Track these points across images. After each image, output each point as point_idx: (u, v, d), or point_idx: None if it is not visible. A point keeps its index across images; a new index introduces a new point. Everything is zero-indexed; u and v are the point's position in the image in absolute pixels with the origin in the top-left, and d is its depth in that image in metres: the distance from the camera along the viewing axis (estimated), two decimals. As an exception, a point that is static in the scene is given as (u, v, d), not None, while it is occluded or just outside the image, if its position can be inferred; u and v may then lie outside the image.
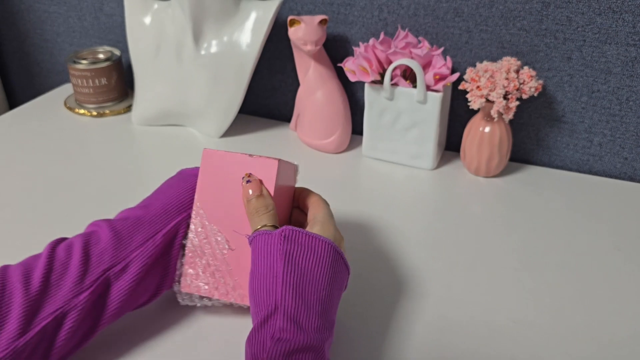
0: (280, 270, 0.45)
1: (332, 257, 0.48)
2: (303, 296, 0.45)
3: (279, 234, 0.47)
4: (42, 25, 1.09)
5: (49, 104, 1.01)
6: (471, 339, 0.53)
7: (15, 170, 0.81)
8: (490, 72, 0.73)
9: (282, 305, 0.44)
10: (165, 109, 0.91)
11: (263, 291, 0.46)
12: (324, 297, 0.46)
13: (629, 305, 0.57)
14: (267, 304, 0.45)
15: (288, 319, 0.43)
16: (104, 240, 0.50)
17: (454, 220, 0.71)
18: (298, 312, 0.44)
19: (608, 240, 0.67)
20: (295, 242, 0.47)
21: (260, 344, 0.43)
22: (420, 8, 0.80)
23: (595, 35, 0.74)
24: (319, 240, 0.48)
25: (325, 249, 0.47)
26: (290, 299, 0.44)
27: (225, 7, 0.84)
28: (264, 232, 0.49)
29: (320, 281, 0.46)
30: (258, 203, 0.51)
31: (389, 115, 0.79)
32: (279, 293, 0.44)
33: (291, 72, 0.93)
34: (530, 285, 0.60)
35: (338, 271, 0.48)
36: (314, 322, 0.44)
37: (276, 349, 0.41)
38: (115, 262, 0.50)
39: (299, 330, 0.43)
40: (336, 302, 0.48)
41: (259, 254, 0.48)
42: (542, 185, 0.78)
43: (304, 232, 0.48)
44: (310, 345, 0.42)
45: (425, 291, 0.59)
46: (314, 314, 0.44)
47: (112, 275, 0.49)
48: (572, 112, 0.79)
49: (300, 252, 0.47)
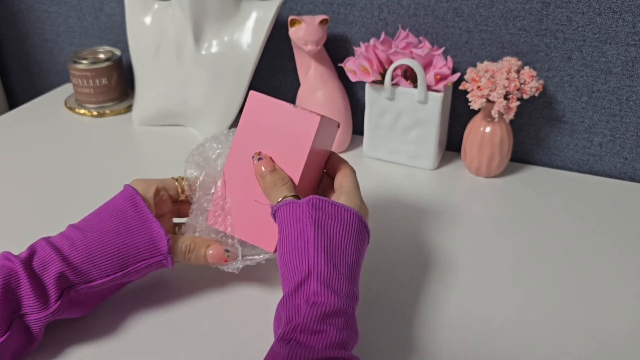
0: (312, 237, 0.46)
1: (357, 226, 0.49)
2: (334, 262, 0.46)
3: (306, 202, 0.48)
4: (42, 25, 1.09)
5: (49, 104, 1.01)
6: (471, 339, 0.53)
7: (15, 170, 0.81)
8: (491, 72, 0.73)
9: (316, 270, 0.45)
10: (166, 109, 0.91)
11: (295, 257, 0.46)
12: (352, 264, 0.47)
13: (629, 305, 0.57)
14: (300, 269, 0.45)
15: (322, 283, 0.44)
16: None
17: (455, 220, 0.71)
18: (330, 276, 0.45)
19: (608, 240, 0.67)
20: (324, 210, 0.48)
21: (295, 307, 0.43)
22: (420, 8, 0.80)
23: (596, 35, 0.74)
24: (346, 210, 0.49)
25: (351, 219, 0.49)
26: (323, 264, 0.45)
27: (225, 7, 0.84)
28: (289, 201, 0.49)
29: (349, 248, 0.48)
30: (273, 177, 0.51)
31: (390, 115, 0.79)
32: (312, 258, 0.45)
33: (292, 72, 0.93)
34: (530, 285, 0.60)
35: (363, 241, 0.50)
36: (344, 287, 0.45)
37: (312, 312, 0.42)
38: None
39: (333, 294, 0.44)
40: (360, 270, 0.49)
41: (288, 222, 0.48)
42: (542, 185, 0.78)
43: (331, 202, 0.49)
44: (342, 309, 0.43)
45: (425, 291, 0.59)
46: (344, 279, 0.46)
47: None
48: (572, 112, 0.79)
49: (328, 220, 0.48)
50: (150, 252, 0.52)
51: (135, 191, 0.54)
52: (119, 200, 0.54)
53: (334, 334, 0.41)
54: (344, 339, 0.42)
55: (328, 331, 0.41)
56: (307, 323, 0.42)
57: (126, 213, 0.53)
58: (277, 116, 0.53)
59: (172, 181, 0.58)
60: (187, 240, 0.55)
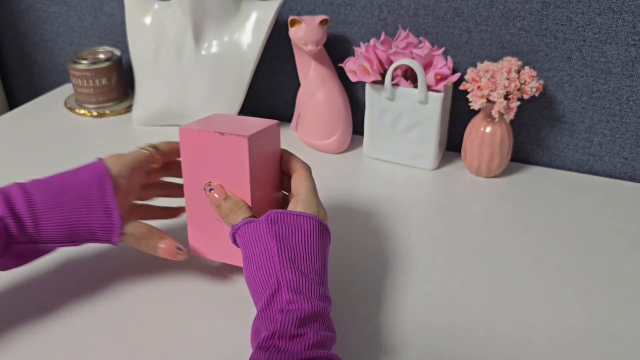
0: (275, 250, 0.47)
1: (319, 231, 0.50)
2: (302, 269, 0.47)
3: (264, 219, 0.49)
4: (42, 25, 1.09)
5: (49, 104, 1.01)
6: (471, 339, 0.53)
7: (15, 170, 0.81)
8: (491, 72, 0.73)
9: (285, 281, 0.46)
10: (166, 109, 0.91)
11: (263, 273, 0.47)
12: (319, 268, 0.48)
13: (629, 305, 0.58)
14: (269, 283, 0.46)
15: (293, 291, 0.45)
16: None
17: (455, 220, 0.71)
18: (300, 284, 0.46)
19: (608, 240, 0.67)
20: (282, 223, 0.49)
21: (271, 319, 0.44)
22: (420, 8, 0.80)
23: (596, 35, 0.74)
24: (305, 217, 0.50)
25: (311, 225, 0.50)
26: (291, 274, 0.46)
27: (225, 7, 0.84)
28: (248, 220, 0.50)
29: (314, 254, 0.49)
30: (228, 204, 0.53)
31: (390, 116, 0.79)
32: (279, 270, 0.46)
33: (292, 72, 0.93)
34: (531, 286, 0.60)
35: (325, 243, 0.51)
36: (316, 291, 0.46)
37: (287, 318, 0.43)
38: None
39: (305, 299, 0.45)
40: (327, 272, 0.51)
41: (250, 241, 0.49)
42: (542, 185, 0.78)
43: (289, 213, 0.50)
44: (317, 312, 0.44)
45: (425, 291, 0.59)
46: (314, 284, 0.46)
47: None
48: (572, 112, 0.79)
49: (288, 231, 0.49)
50: (101, 235, 0.54)
51: (106, 171, 0.54)
52: (87, 174, 0.54)
53: (311, 336, 0.42)
54: (322, 339, 0.43)
55: (306, 334, 0.42)
56: (285, 329, 0.42)
57: (90, 190, 0.53)
58: (210, 145, 0.53)
59: (145, 154, 0.58)
60: (143, 228, 0.55)
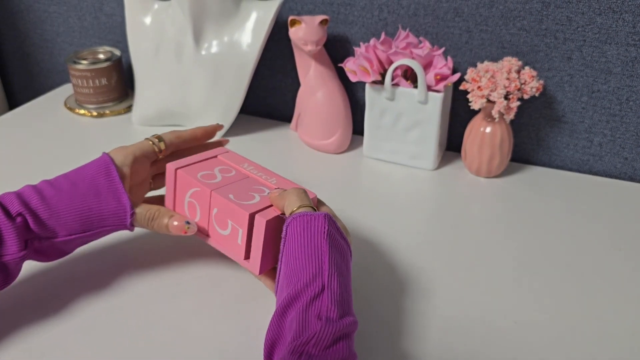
0: (327, 251, 0.47)
1: (349, 253, 0.52)
2: (345, 282, 0.47)
3: (323, 216, 0.49)
4: (42, 25, 1.09)
5: (49, 104, 1.01)
6: (472, 339, 0.53)
7: (16, 171, 0.81)
8: (491, 72, 0.73)
9: (330, 288, 0.44)
10: (166, 109, 0.91)
11: (308, 271, 0.46)
12: (349, 286, 0.48)
13: (629, 305, 0.58)
14: (313, 284, 0.45)
15: (335, 302, 0.44)
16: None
17: (455, 220, 0.71)
18: (343, 297, 0.45)
19: (608, 240, 0.67)
20: (334, 227, 0.50)
21: (305, 321, 0.43)
22: (420, 8, 0.80)
23: (595, 35, 0.74)
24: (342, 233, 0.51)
25: (348, 246, 0.51)
26: (336, 284, 0.45)
27: (225, 8, 0.84)
28: (304, 213, 0.49)
29: (349, 269, 0.49)
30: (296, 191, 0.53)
31: (390, 116, 0.79)
32: (326, 274, 0.45)
33: (292, 72, 0.93)
34: (531, 286, 0.60)
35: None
36: (351, 309, 0.46)
37: (327, 330, 0.42)
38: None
39: (344, 314, 0.44)
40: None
41: (301, 233, 0.48)
42: (542, 185, 0.78)
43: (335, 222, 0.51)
44: (350, 331, 0.43)
45: (426, 291, 0.59)
46: (350, 302, 0.46)
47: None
48: (572, 112, 0.79)
49: (337, 237, 0.49)
50: (114, 220, 0.55)
51: (111, 160, 0.56)
52: (94, 166, 0.56)
53: (344, 352, 0.41)
54: (350, 357, 0.42)
55: (339, 349, 0.41)
56: (321, 338, 0.41)
57: (98, 180, 0.55)
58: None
59: (149, 144, 0.60)
60: (153, 209, 0.57)
